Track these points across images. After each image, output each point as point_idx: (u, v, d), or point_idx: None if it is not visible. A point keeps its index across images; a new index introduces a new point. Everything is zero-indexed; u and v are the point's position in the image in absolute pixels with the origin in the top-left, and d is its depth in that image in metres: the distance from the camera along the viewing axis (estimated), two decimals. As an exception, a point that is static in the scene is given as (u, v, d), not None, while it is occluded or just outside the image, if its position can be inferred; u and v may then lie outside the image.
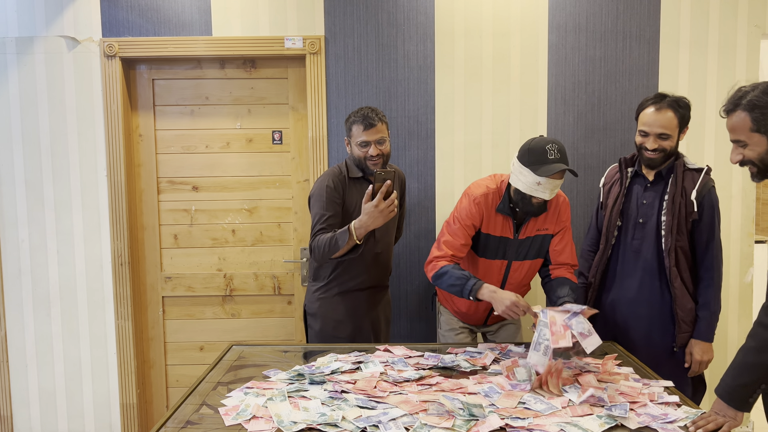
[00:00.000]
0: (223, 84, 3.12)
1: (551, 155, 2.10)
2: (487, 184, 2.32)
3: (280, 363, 2.16)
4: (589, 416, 1.65)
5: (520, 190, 2.17)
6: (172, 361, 3.25)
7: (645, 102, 2.30)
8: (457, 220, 2.30)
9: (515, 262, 2.36)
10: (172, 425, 1.69)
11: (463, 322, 2.55)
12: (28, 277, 3.09)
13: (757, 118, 1.57)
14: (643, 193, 2.34)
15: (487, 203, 2.28)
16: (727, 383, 1.60)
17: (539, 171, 2.10)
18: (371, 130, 2.37)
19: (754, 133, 1.58)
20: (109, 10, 2.99)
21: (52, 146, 3.03)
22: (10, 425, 3.15)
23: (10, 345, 3.11)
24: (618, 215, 2.37)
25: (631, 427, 1.60)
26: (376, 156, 2.39)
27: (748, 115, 1.58)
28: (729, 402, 1.59)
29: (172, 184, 3.16)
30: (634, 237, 2.34)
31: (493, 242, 2.31)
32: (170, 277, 3.19)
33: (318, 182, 2.45)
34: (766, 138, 1.58)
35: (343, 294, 2.49)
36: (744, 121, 1.59)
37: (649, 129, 2.25)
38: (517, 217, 2.29)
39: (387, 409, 1.71)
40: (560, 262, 2.37)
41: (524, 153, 2.16)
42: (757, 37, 2.98)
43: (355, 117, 2.41)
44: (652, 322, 2.32)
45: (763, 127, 1.57)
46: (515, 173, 2.18)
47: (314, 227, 2.38)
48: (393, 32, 2.99)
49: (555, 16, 2.98)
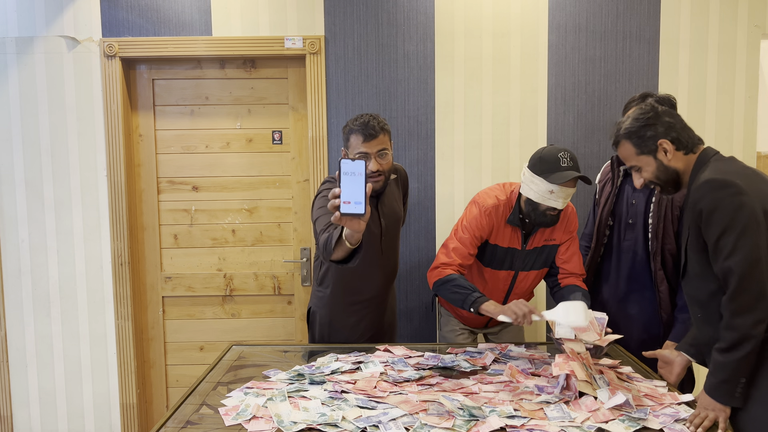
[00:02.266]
0: (223, 84, 3.12)
1: (564, 163, 2.08)
2: (497, 194, 2.28)
3: (280, 363, 2.16)
4: (612, 421, 1.64)
5: (532, 200, 2.15)
6: (172, 361, 3.25)
7: (630, 102, 2.28)
8: (467, 229, 2.25)
9: (521, 273, 2.35)
10: (172, 425, 1.69)
11: (464, 324, 2.55)
12: (28, 277, 3.09)
13: (637, 143, 1.75)
14: (633, 194, 2.32)
15: (498, 214, 2.25)
16: (711, 381, 1.66)
17: (552, 178, 2.07)
18: (372, 141, 2.12)
19: (640, 156, 1.76)
20: (109, 10, 2.99)
21: (52, 146, 3.04)
22: (10, 425, 3.15)
23: (10, 345, 3.11)
24: (609, 215, 2.36)
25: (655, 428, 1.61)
26: (375, 172, 2.16)
27: (629, 143, 1.76)
28: (717, 398, 1.64)
29: (172, 184, 3.16)
30: (625, 238, 2.33)
31: (500, 253, 2.29)
32: (170, 277, 3.19)
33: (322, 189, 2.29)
34: (651, 157, 1.74)
35: (352, 300, 2.42)
36: (628, 149, 1.77)
37: None
38: (525, 227, 2.27)
39: (387, 409, 1.71)
40: (568, 271, 2.34)
41: (536, 162, 2.13)
42: (757, 37, 2.98)
43: (353, 125, 2.16)
44: (641, 323, 2.31)
45: (645, 148, 1.74)
46: (526, 183, 2.15)
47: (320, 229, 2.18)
48: (393, 32, 2.99)
49: (555, 16, 2.98)
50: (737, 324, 1.59)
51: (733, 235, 1.57)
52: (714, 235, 1.60)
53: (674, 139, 1.72)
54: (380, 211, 2.37)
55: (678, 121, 1.75)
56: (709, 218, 1.61)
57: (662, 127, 1.73)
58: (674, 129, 1.73)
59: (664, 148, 1.73)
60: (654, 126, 1.73)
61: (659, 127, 1.73)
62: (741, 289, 1.58)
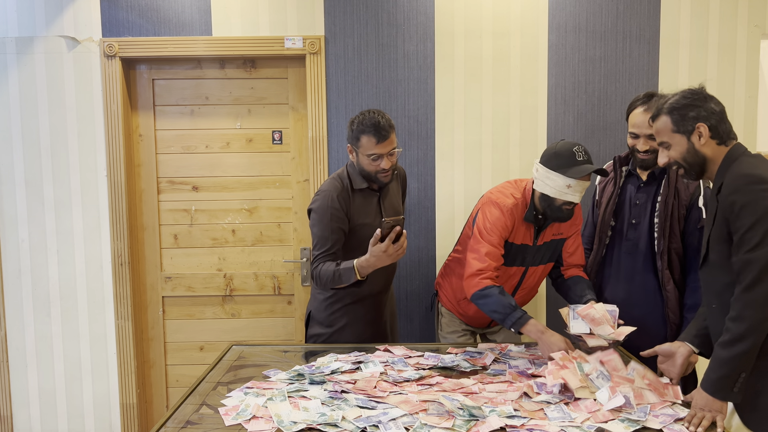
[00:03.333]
0: (223, 84, 3.12)
1: (579, 157, 2.09)
2: (512, 192, 2.27)
3: (280, 363, 2.16)
4: (612, 421, 1.64)
5: (548, 195, 2.14)
6: (172, 361, 3.25)
7: (634, 102, 2.25)
8: (493, 231, 2.21)
9: (531, 268, 2.35)
10: (172, 425, 1.69)
11: (466, 324, 2.55)
12: (28, 277, 3.09)
13: (676, 119, 1.75)
14: (636, 194, 2.31)
15: (518, 212, 2.25)
16: (710, 377, 1.67)
17: (569, 173, 2.07)
18: (384, 142, 2.20)
19: (674, 134, 1.76)
20: (109, 10, 2.99)
21: (52, 146, 3.03)
22: (10, 425, 3.15)
23: (10, 345, 3.11)
24: (611, 215, 2.35)
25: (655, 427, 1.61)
26: (388, 169, 2.25)
27: (669, 118, 1.77)
28: (714, 394, 1.65)
29: (172, 184, 3.16)
30: (627, 238, 2.31)
31: (514, 250, 2.29)
32: (170, 277, 3.19)
33: (320, 199, 2.30)
34: (686, 137, 1.75)
35: (353, 302, 2.42)
36: (666, 124, 1.78)
37: (639, 130, 2.22)
38: (538, 223, 2.27)
39: (387, 409, 1.71)
40: (571, 263, 2.37)
41: (550, 157, 2.13)
42: (757, 37, 2.98)
43: (363, 126, 2.21)
44: (645, 323, 2.28)
45: (682, 127, 1.75)
46: (541, 179, 2.14)
47: (316, 251, 2.28)
48: (393, 32, 2.99)
49: (555, 16, 2.98)
50: (747, 315, 1.60)
51: (761, 230, 1.59)
52: (743, 228, 1.62)
53: (712, 127, 1.74)
54: (382, 208, 2.37)
55: (720, 110, 1.77)
56: (741, 211, 1.63)
57: (705, 112, 1.74)
58: (715, 116, 1.74)
59: (700, 131, 1.74)
60: (698, 108, 1.75)
61: (702, 111, 1.74)
62: (759, 280, 1.59)
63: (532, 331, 2.08)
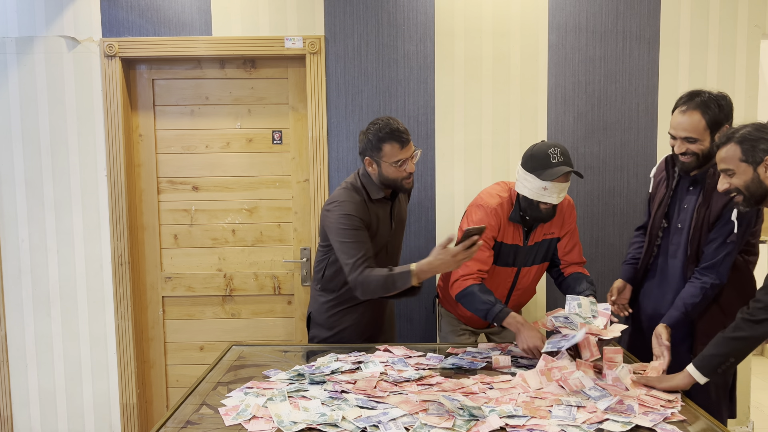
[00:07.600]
0: (223, 84, 3.12)
1: (554, 159, 2.10)
2: (498, 193, 2.30)
3: (280, 363, 2.17)
4: (607, 421, 1.64)
5: (527, 196, 2.16)
6: (172, 361, 3.25)
7: (678, 101, 2.15)
8: None
9: (524, 268, 2.36)
10: (172, 425, 1.69)
11: (466, 325, 2.55)
12: (28, 277, 3.09)
13: (746, 149, 1.83)
14: (686, 197, 2.22)
15: (503, 212, 2.26)
16: (703, 354, 1.83)
17: (543, 175, 2.09)
18: (406, 147, 2.21)
19: (741, 163, 1.83)
20: (109, 10, 2.99)
21: (52, 146, 3.03)
22: (10, 425, 3.15)
23: (10, 345, 3.11)
24: (663, 217, 2.27)
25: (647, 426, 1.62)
26: (413, 173, 2.26)
27: (739, 147, 1.83)
28: (700, 369, 1.80)
29: (172, 184, 3.16)
30: (671, 242, 2.24)
31: (505, 250, 2.30)
32: (170, 277, 3.19)
33: (346, 205, 2.23)
34: (752, 168, 1.82)
35: (354, 305, 2.41)
36: (735, 152, 1.84)
37: (675, 132, 2.12)
38: (526, 224, 2.28)
39: (387, 409, 1.71)
40: (569, 261, 2.38)
41: (527, 159, 2.15)
42: (757, 37, 2.98)
43: (382, 134, 2.19)
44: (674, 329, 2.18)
45: (750, 157, 1.82)
46: (520, 180, 2.17)
47: (352, 258, 2.16)
48: (393, 32, 2.99)
49: (555, 16, 2.98)
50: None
51: None
52: None
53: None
54: (393, 213, 2.38)
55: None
56: None
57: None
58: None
59: (767, 164, 1.81)
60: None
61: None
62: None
63: (512, 323, 2.13)
